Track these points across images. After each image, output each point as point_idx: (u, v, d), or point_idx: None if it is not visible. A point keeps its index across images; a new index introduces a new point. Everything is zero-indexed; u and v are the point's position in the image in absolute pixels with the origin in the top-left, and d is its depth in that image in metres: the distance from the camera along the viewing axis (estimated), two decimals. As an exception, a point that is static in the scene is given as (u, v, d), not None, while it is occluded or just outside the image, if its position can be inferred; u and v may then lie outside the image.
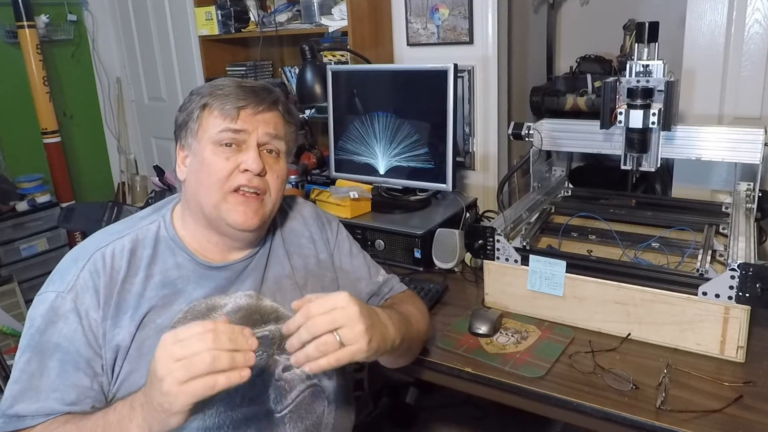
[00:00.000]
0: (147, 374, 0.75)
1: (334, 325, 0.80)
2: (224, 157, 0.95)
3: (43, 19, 3.03)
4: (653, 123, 1.27)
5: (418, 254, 1.59)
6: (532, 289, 1.27)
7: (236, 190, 0.95)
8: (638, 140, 1.31)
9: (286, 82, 2.63)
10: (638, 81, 1.29)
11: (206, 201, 0.96)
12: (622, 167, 1.38)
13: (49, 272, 0.95)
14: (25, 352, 0.89)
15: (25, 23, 2.84)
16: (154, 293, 0.94)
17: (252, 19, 2.55)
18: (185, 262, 0.98)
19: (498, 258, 1.31)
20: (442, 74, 1.64)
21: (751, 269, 1.04)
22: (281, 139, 1.00)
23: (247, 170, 0.95)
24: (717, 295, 1.09)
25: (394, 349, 0.93)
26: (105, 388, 0.90)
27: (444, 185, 1.72)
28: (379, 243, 1.65)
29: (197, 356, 0.70)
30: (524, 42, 3.08)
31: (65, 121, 3.24)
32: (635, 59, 1.30)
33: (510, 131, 1.52)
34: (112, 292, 0.91)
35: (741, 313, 1.07)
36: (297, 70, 2.46)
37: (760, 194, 1.36)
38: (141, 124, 3.60)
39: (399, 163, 1.79)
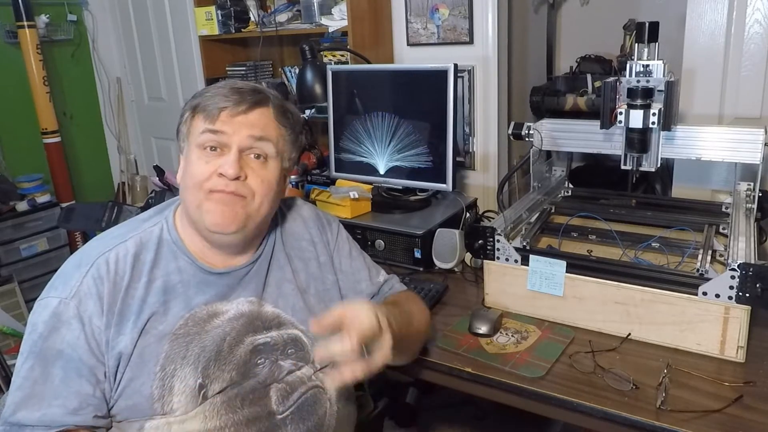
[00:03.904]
0: None
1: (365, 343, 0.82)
2: (205, 161, 0.93)
3: (43, 19, 3.03)
4: (653, 123, 1.27)
5: (418, 254, 1.59)
6: (532, 289, 1.27)
7: (212, 191, 0.93)
8: (638, 140, 1.31)
9: (286, 82, 2.63)
10: (638, 81, 1.28)
11: (189, 204, 0.95)
12: (622, 167, 1.38)
13: (50, 272, 0.95)
14: (28, 359, 0.88)
15: (25, 23, 2.83)
16: (156, 299, 0.93)
17: (252, 19, 2.55)
18: (186, 267, 0.97)
19: (498, 258, 1.31)
20: (442, 74, 1.64)
21: (751, 269, 1.04)
22: (268, 140, 0.96)
23: (222, 174, 0.92)
24: (717, 295, 1.09)
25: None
26: (107, 394, 0.90)
27: (444, 185, 1.72)
28: (379, 243, 1.65)
29: None
30: (524, 42, 3.08)
31: (65, 121, 3.24)
32: (635, 59, 1.30)
33: (510, 131, 1.52)
34: (115, 299, 0.91)
35: (741, 313, 1.07)
36: (297, 70, 2.46)
37: (760, 194, 1.36)
38: (141, 124, 3.60)
39: (399, 163, 1.79)
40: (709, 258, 1.21)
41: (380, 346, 0.84)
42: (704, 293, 1.10)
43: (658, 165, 1.36)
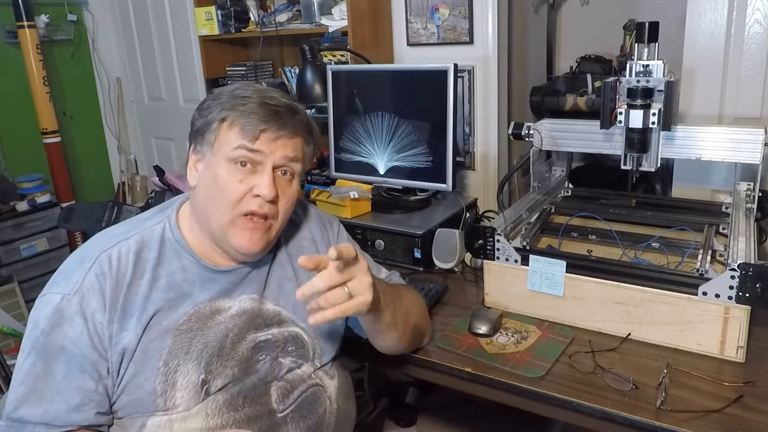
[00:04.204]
0: None
1: (345, 278, 0.83)
2: (238, 179, 0.93)
3: (43, 19, 3.03)
4: (653, 123, 1.27)
5: (418, 254, 1.59)
6: (532, 289, 1.27)
7: (246, 214, 0.94)
8: (638, 140, 1.31)
9: (286, 82, 2.62)
10: (638, 81, 1.28)
11: (214, 219, 0.95)
12: (622, 167, 1.38)
13: (50, 272, 0.95)
14: (30, 355, 0.88)
15: (25, 23, 2.83)
16: (160, 296, 0.94)
17: (252, 19, 2.55)
18: (190, 266, 0.98)
19: (498, 258, 1.31)
20: (442, 74, 1.64)
21: (751, 269, 1.04)
22: (299, 161, 0.99)
23: (258, 195, 0.94)
24: (717, 295, 1.09)
25: (381, 314, 0.96)
26: (109, 390, 0.90)
27: (444, 185, 1.72)
28: (379, 243, 1.65)
29: None
30: (524, 42, 3.08)
31: (65, 121, 3.24)
32: (635, 59, 1.30)
33: (510, 131, 1.52)
34: (118, 295, 0.91)
35: (741, 313, 1.07)
36: (297, 70, 2.46)
37: (760, 194, 1.36)
38: (141, 124, 3.59)
39: (399, 163, 1.79)
40: (709, 258, 1.21)
41: (360, 285, 0.85)
42: (704, 293, 1.10)
43: (658, 165, 1.36)
